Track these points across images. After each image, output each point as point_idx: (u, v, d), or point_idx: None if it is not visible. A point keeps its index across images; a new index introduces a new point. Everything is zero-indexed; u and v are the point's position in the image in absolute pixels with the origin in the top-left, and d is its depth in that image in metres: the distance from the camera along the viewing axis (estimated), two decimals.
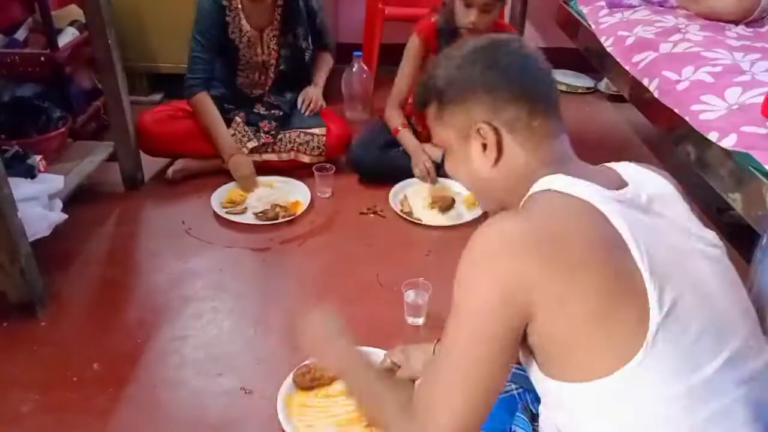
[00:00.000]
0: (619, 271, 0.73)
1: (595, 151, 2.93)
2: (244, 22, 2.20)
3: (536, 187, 0.82)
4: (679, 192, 0.88)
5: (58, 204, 1.78)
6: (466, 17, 2.06)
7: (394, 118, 2.30)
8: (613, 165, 0.91)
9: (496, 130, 0.84)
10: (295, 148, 2.29)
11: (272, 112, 2.35)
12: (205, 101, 2.22)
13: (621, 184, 0.83)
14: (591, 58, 2.44)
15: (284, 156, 2.30)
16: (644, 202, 0.82)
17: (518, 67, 0.85)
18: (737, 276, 0.85)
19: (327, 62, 2.50)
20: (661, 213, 0.83)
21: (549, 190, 0.79)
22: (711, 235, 0.86)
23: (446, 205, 2.10)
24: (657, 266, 0.74)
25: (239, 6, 2.18)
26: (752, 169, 1.32)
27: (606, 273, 0.73)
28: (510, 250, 0.75)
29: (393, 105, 2.32)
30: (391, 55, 3.08)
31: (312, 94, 2.37)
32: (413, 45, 2.25)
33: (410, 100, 2.41)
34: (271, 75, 2.35)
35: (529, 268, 0.73)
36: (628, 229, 0.75)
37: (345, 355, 1.01)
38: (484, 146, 0.85)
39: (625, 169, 0.89)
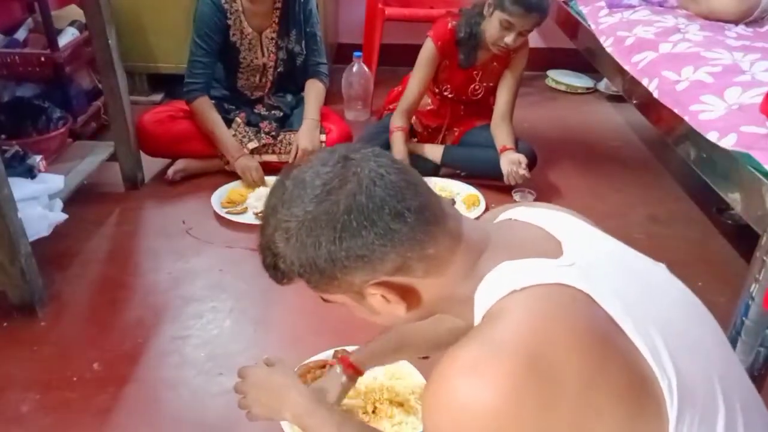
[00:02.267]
0: (627, 363, 0.65)
1: (595, 152, 2.94)
2: (245, 24, 2.20)
3: (487, 292, 0.69)
4: (585, 220, 0.82)
5: (58, 204, 1.78)
6: (502, 38, 2.02)
7: (396, 120, 2.24)
8: (511, 215, 0.81)
9: (387, 284, 0.70)
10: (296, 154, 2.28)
11: (272, 112, 2.35)
12: (206, 105, 2.22)
13: (553, 239, 0.74)
14: (591, 58, 2.44)
15: (284, 157, 2.29)
16: (592, 252, 0.74)
17: (372, 212, 0.66)
18: (683, 285, 0.80)
19: (318, 91, 2.34)
20: (605, 252, 0.77)
21: (512, 292, 0.67)
22: (637, 253, 0.80)
23: None
24: (647, 334, 0.67)
25: (240, 8, 2.17)
26: (752, 169, 1.32)
27: (619, 374, 0.64)
28: (500, 413, 0.62)
29: (401, 108, 2.25)
30: (391, 56, 3.10)
31: (304, 147, 2.21)
32: (428, 51, 2.18)
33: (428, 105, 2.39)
34: (270, 78, 2.35)
35: (527, 422, 0.62)
36: (608, 301, 0.67)
37: (299, 406, 1.01)
38: (385, 297, 0.71)
39: (530, 216, 0.79)
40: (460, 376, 0.64)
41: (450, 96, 2.31)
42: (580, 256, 0.71)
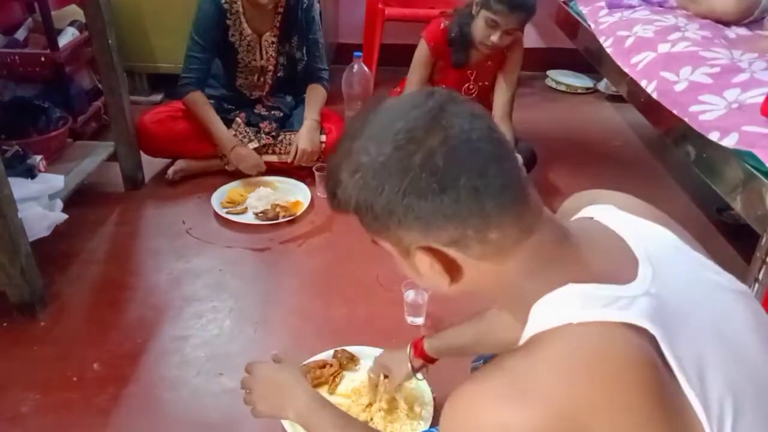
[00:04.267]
0: (672, 425, 0.59)
1: (595, 152, 2.94)
2: (245, 25, 2.20)
3: (543, 313, 0.64)
4: (679, 236, 0.75)
5: (58, 204, 1.77)
6: (488, 36, 2.02)
7: None
8: (596, 214, 0.74)
9: (437, 253, 0.65)
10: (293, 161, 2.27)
11: (272, 113, 2.35)
12: (199, 99, 2.21)
13: (631, 257, 0.67)
14: (590, 58, 2.44)
15: (284, 157, 2.29)
16: (673, 280, 0.66)
17: (446, 177, 0.60)
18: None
19: (319, 95, 2.34)
20: (688, 282, 0.69)
21: (567, 324, 0.61)
22: (730, 278, 0.73)
23: None
24: (710, 386, 0.61)
25: (240, 10, 2.17)
26: (752, 169, 1.32)
27: None
28: None
29: None
30: (391, 55, 3.09)
31: (303, 148, 2.20)
32: (422, 52, 2.19)
33: None
34: (269, 81, 2.35)
35: None
36: (675, 347, 0.60)
37: (303, 404, 1.00)
38: (431, 265, 0.66)
39: (614, 221, 0.72)
40: (486, 405, 0.60)
41: None
42: (656, 284, 0.64)
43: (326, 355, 1.46)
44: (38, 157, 1.81)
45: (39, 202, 1.71)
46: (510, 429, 0.57)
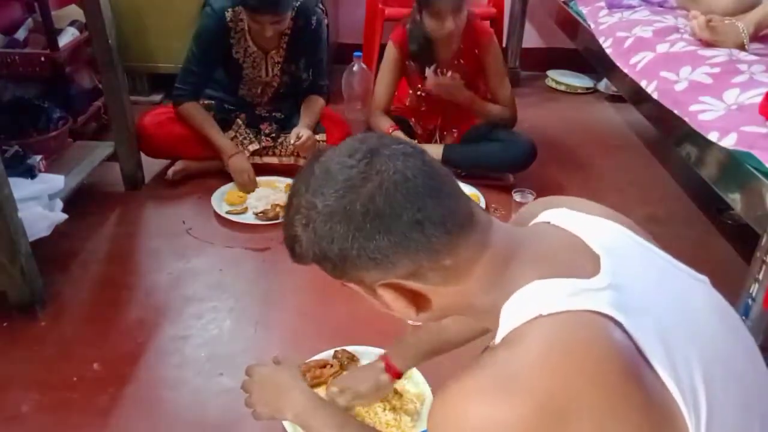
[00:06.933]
0: (648, 401, 0.61)
1: (595, 152, 2.93)
2: (249, 43, 2.19)
3: (514, 312, 0.66)
4: (629, 227, 0.76)
5: (58, 204, 1.77)
6: (441, 28, 2.05)
7: (382, 123, 2.26)
8: (551, 218, 0.76)
9: (398, 287, 0.68)
10: (296, 153, 2.28)
11: (273, 114, 2.35)
12: (193, 108, 2.20)
13: (591, 254, 0.69)
14: (590, 58, 2.44)
15: (285, 159, 2.29)
16: (632, 272, 0.69)
17: (388, 217, 0.63)
18: (729, 306, 0.76)
19: (317, 105, 2.34)
20: (646, 272, 0.72)
21: (538, 317, 0.63)
22: (686, 268, 0.76)
23: None
24: (683, 367, 0.63)
25: (245, 28, 2.15)
26: (752, 169, 1.32)
27: (637, 412, 0.60)
28: None
29: (376, 112, 2.30)
30: None
31: (305, 136, 2.18)
32: (390, 53, 2.23)
33: (407, 102, 2.40)
34: (270, 93, 2.35)
35: None
36: (641, 331, 0.63)
37: (301, 405, 1.01)
38: (395, 298, 0.69)
39: (571, 223, 0.74)
40: (470, 402, 0.61)
41: (424, 96, 2.31)
42: (618, 276, 0.66)
43: (326, 355, 1.46)
44: (38, 157, 1.81)
45: (39, 202, 1.71)
46: (493, 424, 0.59)
